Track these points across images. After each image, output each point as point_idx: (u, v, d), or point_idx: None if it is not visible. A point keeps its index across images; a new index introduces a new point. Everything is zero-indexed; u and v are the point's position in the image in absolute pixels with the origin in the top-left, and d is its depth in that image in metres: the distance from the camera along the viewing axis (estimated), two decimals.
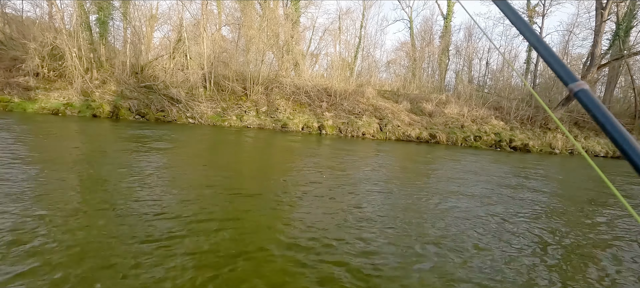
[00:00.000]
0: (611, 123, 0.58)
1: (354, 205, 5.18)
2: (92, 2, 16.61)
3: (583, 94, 0.63)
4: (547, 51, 0.72)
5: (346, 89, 19.40)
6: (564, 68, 0.68)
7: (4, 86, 13.62)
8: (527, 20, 0.74)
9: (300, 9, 23.43)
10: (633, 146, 0.54)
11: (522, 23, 0.79)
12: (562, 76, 0.68)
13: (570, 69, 0.68)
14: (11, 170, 5.23)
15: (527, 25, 0.78)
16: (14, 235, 3.22)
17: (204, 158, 8.30)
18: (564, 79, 0.67)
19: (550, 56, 0.71)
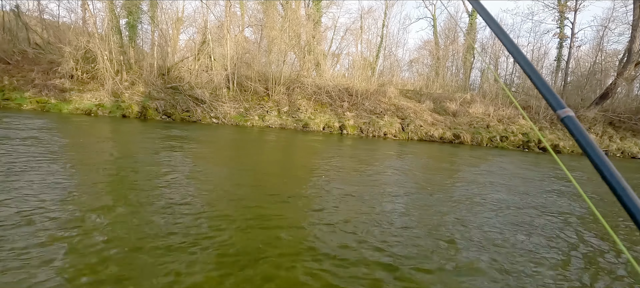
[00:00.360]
0: (593, 149, 0.63)
1: (376, 208, 5.15)
2: (123, 6, 17.28)
3: (569, 120, 0.68)
4: (538, 78, 0.78)
5: (368, 88, 19.28)
6: (552, 95, 0.73)
7: (42, 88, 14.43)
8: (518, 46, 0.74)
9: (322, 9, 23.48)
10: (612, 172, 0.59)
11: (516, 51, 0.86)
12: (551, 102, 0.73)
13: (558, 96, 0.73)
14: (53, 166, 5.54)
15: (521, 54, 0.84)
16: (57, 224, 3.42)
17: (227, 158, 8.49)
18: (553, 105, 0.72)
19: (541, 82, 0.77)
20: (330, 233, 3.96)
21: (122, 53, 16.72)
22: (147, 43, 19.56)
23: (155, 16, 18.32)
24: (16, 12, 18.15)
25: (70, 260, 2.87)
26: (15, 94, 13.97)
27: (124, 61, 16.59)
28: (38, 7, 19.75)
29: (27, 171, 5.17)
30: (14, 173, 5.06)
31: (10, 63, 15.69)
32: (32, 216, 3.61)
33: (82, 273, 2.72)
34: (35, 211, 3.76)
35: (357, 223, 4.35)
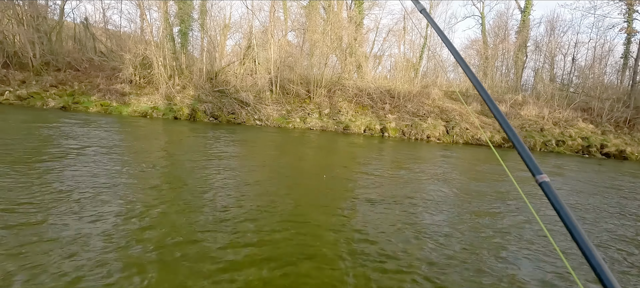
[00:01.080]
0: (566, 213, 0.67)
1: (417, 215, 5.04)
2: (176, 14, 18.45)
3: (545, 185, 0.74)
4: (519, 142, 0.84)
5: (410, 90, 18.86)
6: (531, 160, 0.79)
7: (106, 93, 15.81)
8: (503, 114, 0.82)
9: (364, 11, 23.36)
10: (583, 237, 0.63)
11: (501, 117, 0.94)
12: (529, 167, 0.79)
13: (536, 162, 0.79)
14: (112, 163, 6.07)
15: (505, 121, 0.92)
16: (118, 215, 3.75)
17: (269, 159, 8.73)
18: (531, 170, 0.78)
19: (521, 146, 0.83)
20: (368, 239, 3.94)
21: (175, 59, 17.83)
22: (196, 49, 20.69)
23: (204, 24, 19.33)
24: (85, 24, 20.09)
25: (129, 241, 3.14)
26: (83, 98, 15.45)
27: (176, 66, 17.68)
28: (103, 19, 21.72)
29: (102, 162, 5.72)
30: (88, 163, 5.61)
31: (80, 70, 17.36)
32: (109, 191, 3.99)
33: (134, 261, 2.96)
34: (107, 190, 4.15)
35: (396, 232, 4.29)
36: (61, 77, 16.46)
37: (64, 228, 3.45)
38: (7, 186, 4.46)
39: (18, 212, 3.70)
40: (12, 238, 3.15)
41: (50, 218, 3.65)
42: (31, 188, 4.45)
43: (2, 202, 3.92)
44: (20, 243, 3.07)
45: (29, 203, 3.96)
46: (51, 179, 4.94)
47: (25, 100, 14.88)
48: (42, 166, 5.54)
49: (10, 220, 3.50)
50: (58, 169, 5.47)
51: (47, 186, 4.59)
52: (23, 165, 5.44)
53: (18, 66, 16.41)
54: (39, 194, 4.28)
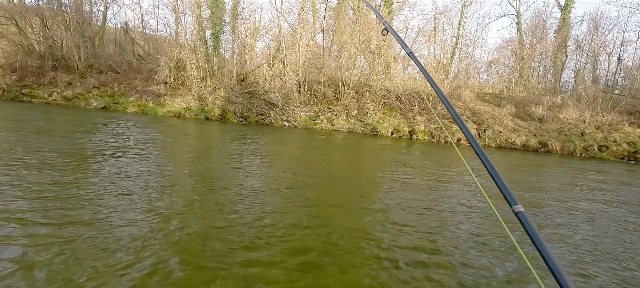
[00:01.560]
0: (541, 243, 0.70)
1: (446, 221, 4.93)
2: (209, 18, 19.08)
3: (521, 215, 0.77)
4: (495, 173, 0.89)
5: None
6: (507, 190, 0.83)
7: (143, 94, 16.60)
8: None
9: (393, 12, 23.09)
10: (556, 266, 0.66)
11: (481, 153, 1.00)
12: (506, 197, 0.82)
13: (512, 192, 0.83)
14: (150, 162, 6.37)
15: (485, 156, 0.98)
16: (148, 207, 3.94)
17: (297, 159, 8.82)
18: (508, 200, 0.82)
19: (498, 178, 0.88)
20: (393, 239, 3.90)
21: (207, 61, 18.43)
22: (228, 52, 21.28)
23: (236, 27, 19.85)
24: (125, 28, 21.21)
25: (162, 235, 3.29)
26: (122, 99, 16.31)
27: (208, 68, 18.27)
28: (141, 24, 22.83)
29: (141, 161, 6.03)
30: (129, 160, 5.93)
31: (119, 72, 18.34)
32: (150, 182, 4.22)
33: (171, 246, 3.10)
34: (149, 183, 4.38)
35: (425, 237, 4.21)
36: (103, 79, 17.46)
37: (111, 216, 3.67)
38: (57, 181, 4.80)
39: (67, 206, 3.97)
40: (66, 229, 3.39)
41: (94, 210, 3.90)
42: (78, 184, 4.76)
43: (54, 193, 4.23)
44: (65, 231, 3.30)
45: (74, 197, 4.25)
46: (98, 174, 5.27)
47: (71, 100, 15.92)
48: (90, 162, 5.92)
49: (62, 211, 3.77)
50: (103, 164, 5.83)
51: (90, 184, 4.90)
52: (73, 162, 5.83)
53: (65, 68, 17.58)
54: (77, 191, 4.58)
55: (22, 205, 3.87)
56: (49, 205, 3.93)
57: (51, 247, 3.05)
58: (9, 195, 4.13)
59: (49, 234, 3.28)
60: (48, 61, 17.38)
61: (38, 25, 17.88)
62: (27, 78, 16.62)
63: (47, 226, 3.45)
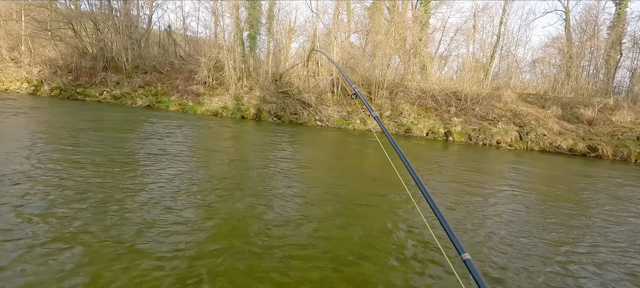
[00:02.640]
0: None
1: (481, 229, 4.76)
2: (246, 20, 19.62)
3: (469, 262, 0.82)
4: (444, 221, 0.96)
5: (479, 92, 17.71)
6: (455, 239, 0.89)
7: (183, 93, 17.39)
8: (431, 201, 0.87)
9: (430, 10, 22.50)
10: None
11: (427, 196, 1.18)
12: (455, 245, 0.88)
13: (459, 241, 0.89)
14: (190, 159, 6.70)
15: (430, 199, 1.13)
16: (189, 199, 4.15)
17: (330, 159, 8.87)
18: (457, 248, 0.87)
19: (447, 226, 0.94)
20: (429, 246, 3.83)
21: (244, 62, 18.96)
22: (263, 52, 21.77)
23: (271, 28, 20.25)
24: (168, 31, 22.31)
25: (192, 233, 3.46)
26: (164, 98, 17.19)
27: (245, 68, 18.79)
28: (183, 26, 23.92)
29: (182, 156, 6.36)
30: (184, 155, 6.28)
31: (162, 72, 19.33)
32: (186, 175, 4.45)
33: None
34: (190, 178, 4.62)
35: (464, 240, 4.09)
36: (147, 79, 18.49)
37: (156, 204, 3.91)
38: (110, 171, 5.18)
39: (118, 198, 4.29)
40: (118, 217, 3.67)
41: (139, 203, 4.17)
42: (124, 178, 5.11)
43: (108, 185, 4.58)
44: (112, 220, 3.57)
45: (116, 187, 4.56)
46: (145, 168, 5.62)
47: (119, 99, 17.01)
48: (137, 158, 6.32)
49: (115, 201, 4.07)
50: (151, 159, 6.20)
51: (136, 177, 5.23)
52: (124, 157, 6.26)
53: (114, 69, 18.81)
54: (124, 184, 4.90)
55: (86, 195, 4.22)
56: (106, 193, 4.26)
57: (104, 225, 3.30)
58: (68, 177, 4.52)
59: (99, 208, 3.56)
60: (99, 62, 18.67)
61: (91, 29, 19.26)
62: (81, 78, 17.96)
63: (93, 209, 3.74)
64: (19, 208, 3.68)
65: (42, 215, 3.58)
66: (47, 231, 3.27)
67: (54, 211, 3.68)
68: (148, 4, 21.90)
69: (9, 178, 4.52)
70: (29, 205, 3.79)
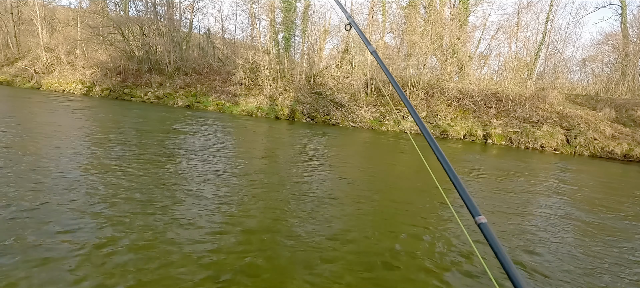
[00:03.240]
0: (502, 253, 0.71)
1: (526, 242, 4.52)
2: (281, 22, 19.97)
3: (484, 226, 0.77)
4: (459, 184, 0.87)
5: (522, 93, 16.79)
6: (470, 202, 0.82)
7: (221, 94, 18.01)
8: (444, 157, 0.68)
9: (470, 8, 21.66)
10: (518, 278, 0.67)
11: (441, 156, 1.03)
12: (469, 208, 0.81)
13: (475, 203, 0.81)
14: (228, 156, 6.92)
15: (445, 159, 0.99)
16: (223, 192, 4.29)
17: (362, 160, 8.81)
18: (471, 211, 0.81)
19: (461, 189, 0.86)
20: (461, 252, 3.68)
21: (278, 63, 19.30)
22: (298, 53, 22.03)
23: (306, 29, 20.45)
24: (208, 34, 23.20)
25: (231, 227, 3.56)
26: (203, 98, 17.89)
27: (280, 69, 19.11)
28: (221, 29, 24.77)
29: (221, 153, 6.61)
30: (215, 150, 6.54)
31: (202, 74, 20.12)
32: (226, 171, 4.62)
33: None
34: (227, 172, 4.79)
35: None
36: (188, 80, 19.33)
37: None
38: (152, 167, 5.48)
39: (157, 192, 4.52)
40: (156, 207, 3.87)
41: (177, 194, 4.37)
42: (165, 173, 5.38)
43: (150, 180, 4.84)
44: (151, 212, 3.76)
45: (157, 181, 4.80)
46: (184, 167, 5.89)
47: (162, 99, 17.92)
48: (178, 155, 6.64)
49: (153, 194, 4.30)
50: (191, 157, 6.49)
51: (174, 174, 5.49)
52: (166, 153, 6.60)
53: (157, 71, 19.85)
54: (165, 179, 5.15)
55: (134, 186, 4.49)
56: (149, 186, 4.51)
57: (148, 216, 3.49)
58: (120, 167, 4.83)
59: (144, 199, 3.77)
60: (144, 65, 19.79)
61: (138, 33, 20.47)
62: (128, 80, 19.13)
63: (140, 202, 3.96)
64: (74, 202, 3.99)
65: (97, 211, 3.86)
66: (103, 223, 3.52)
67: (107, 204, 3.95)
68: (189, 9, 22.93)
69: (77, 169, 4.91)
70: (85, 197, 4.10)
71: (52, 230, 3.23)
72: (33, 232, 3.16)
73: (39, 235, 3.13)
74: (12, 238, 3.01)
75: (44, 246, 2.95)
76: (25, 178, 4.50)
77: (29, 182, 4.38)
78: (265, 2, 20.00)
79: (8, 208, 3.57)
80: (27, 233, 3.14)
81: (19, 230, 3.16)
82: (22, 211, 3.55)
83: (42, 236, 3.11)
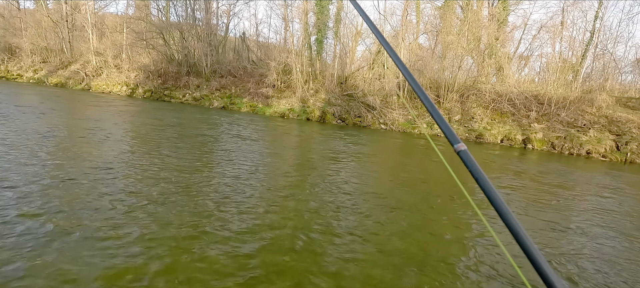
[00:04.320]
0: (483, 179, 0.70)
1: (564, 253, 4.30)
2: (314, 24, 20.17)
3: (464, 154, 0.76)
4: (437, 115, 0.87)
5: (566, 96, 15.84)
6: (449, 130, 0.80)
7: (254, 95, 18.47)
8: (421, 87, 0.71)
9: (510, 7, 20.76)
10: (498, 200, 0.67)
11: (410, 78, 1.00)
12: (448, 136, 0.80)
13: (453, 131, 0.79)
14: (260, 156, 7.12)
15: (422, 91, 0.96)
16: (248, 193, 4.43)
17: (393, 164, 8.71)
18: (450, 139, 0.79)
19: (439, 118, 0.86)
20: (495, 264, 3.57)
21: (310, 65, 19.50)
22: (329, 55, 22.13)
23: (338, 31, 20.51)
24: (243, 37, 23.89)
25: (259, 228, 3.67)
26: (237, 100, 18.44)
27: (311, 72, 19.31)
28: (256, 32, 25.41)
29: (253, 154, 6.82)
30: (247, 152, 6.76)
31: (236, 76, 20.75)
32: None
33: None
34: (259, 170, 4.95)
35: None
36: (223, 82, 20.01)
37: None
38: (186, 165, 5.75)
39: (190, 189, 4.74)
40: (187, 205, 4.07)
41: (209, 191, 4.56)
42: (202, 170, 5.62)
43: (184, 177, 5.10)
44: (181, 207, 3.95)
45: (191, 181, 5.03)
46: (221, 165, 6.13)
47: (198, 101, 18.67)
48: (215, 152, 6.92)
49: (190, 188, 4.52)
50: (229, 155, 6.74)
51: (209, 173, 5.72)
52: (205, 151, 6.90)
53: (195, 73, 20.71)
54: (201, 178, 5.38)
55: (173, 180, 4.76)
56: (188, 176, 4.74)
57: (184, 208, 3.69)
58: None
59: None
60: (183, 67, 20.72)
61: (178, 37, 21.47)
62: (168, 82, 20.12)
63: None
64: (112, 193, 4.28)
65: (137, 203, 4.12)
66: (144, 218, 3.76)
67: (147, 199, 4.21)
68: (226, 13, 23.73)
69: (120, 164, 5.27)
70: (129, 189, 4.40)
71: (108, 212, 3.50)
72: (93, 210, 3.44)
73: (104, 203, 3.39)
74: (73, 222, 3.29)
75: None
76: (91, 175, 4.89)
77: (91, 179, 4.76)
78: (298, 5, 20.31)
79: (75, 201, 3.91)
80: (92, 208, 3.42)
81: (82, 212, 3.46)
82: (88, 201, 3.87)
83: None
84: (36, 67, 23.03)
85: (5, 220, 3.30)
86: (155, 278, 2.66)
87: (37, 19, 25.06)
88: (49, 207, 3.67)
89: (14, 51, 24.36)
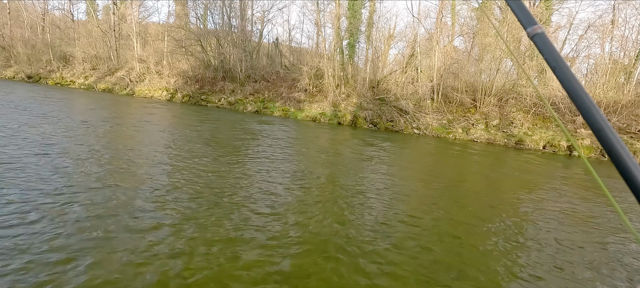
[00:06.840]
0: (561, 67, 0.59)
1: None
2: (346, 28, 20.21)
3: (539, 38, 0.63)
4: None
5: (617, 100, 14.74)
6: (523, 10, 0.67)
7: (286, 100, 18.76)
8: None
9: (553, 6, 19.67)
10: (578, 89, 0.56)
11: None
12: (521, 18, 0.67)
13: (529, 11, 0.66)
14: (290, 159, 7.21)
15: None
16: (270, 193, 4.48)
17: (427, 170, 8.50)
18: (523, 22, 0.66)
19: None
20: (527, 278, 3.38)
21: (342, 69, 19.53)
22: (361, 59, 22.05)
23: (370, 35, 20.41)
24: (276, 43, 24.38)
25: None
26: (270, 104, 18.82)
27: (343, 76, 19.32)
28: (288, 38, 25.86)
29: (285, 157, 6.94)
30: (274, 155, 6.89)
31: (269, 81, 21.18)
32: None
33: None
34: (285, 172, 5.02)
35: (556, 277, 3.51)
36: (257, 87, 20.50)
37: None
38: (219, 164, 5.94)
39: (224, 190, 4.89)
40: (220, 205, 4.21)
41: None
42: (233, 169, 5.79)
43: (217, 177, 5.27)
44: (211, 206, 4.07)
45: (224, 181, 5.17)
46: (253, 164, 6.29)
47: (233, 105, 19.24)
48: (247, 153, 7.11)
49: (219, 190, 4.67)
50: (258, 155, 6.91)
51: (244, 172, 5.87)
52: (238, 152, 7.11)
53: (230, 79, 21.38)
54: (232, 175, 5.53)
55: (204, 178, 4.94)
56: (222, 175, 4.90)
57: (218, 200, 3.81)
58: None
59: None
60: (219, 73, 21.46)
61: (214, 44, 22.31)
62: (204, 87, 20.92)
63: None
64: (157, 191, 4.51)
65: (178, 207, 4.31)
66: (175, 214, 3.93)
67: (184, 196, 4.40)
68: (260, 20, 24.35)
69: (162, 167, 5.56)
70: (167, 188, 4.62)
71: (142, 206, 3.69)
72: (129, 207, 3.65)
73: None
74: (111, 214, 3.51)
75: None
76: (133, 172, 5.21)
77: (136, 175, 5.06)
78: (331, 9, 20.43)
79: (118, 188, 4.18)
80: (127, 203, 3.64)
81: (118, 209, 3.68)
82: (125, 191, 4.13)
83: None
84: (87, 74, 24.79)
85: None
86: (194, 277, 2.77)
87: (89, 29, 27.07)
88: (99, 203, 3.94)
89: (67, 59, 26.38)
